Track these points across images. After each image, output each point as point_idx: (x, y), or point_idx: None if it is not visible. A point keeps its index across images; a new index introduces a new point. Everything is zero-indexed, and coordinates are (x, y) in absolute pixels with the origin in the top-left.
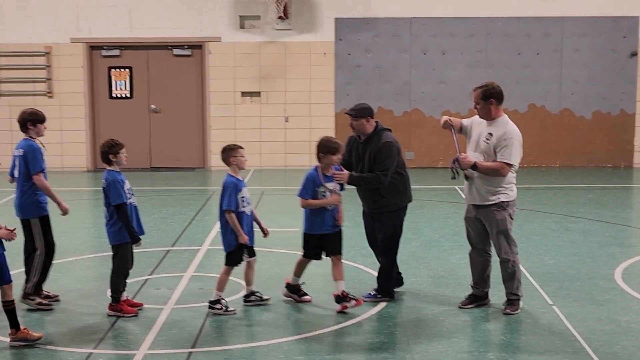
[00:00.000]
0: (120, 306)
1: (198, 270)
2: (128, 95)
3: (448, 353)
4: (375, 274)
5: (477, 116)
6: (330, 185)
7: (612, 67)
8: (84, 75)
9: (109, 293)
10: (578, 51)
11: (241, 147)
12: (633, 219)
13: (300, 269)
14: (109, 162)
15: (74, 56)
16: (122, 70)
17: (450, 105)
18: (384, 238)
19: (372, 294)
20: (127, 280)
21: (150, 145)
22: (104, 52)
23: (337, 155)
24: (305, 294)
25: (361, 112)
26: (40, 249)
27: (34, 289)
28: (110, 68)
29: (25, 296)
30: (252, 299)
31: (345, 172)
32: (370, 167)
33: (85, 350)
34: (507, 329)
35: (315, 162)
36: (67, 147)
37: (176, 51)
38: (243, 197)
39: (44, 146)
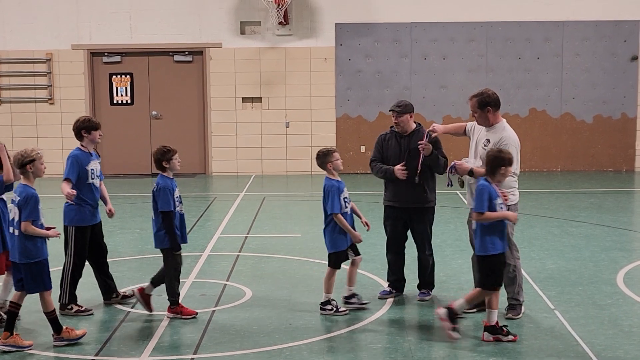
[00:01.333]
0: (180, 308)
1: (199, 276)
2: (129, 101)
3: (450, 358)
4: (376, 278)
5: (472, 124)
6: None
7: (613, 71)
8: (85, 82)
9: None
10: (579, 55)
11: (335, 151)
12: (635, 223)
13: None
14: (163, 169)
15: (75, 63)
16: (123, 76)
17: (451, 110)
18: (425, 233)
19: (425, 292)
20: (134, 286)
21: (152, 152)
22: (105, 59)
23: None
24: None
25: (405, 108)
26: (70, 257)
27: (68, 298)
28: (111, 74)
29: (63, 307)
30: (353, 301)
31: (430, 145)
32: (413, 161)
33: (85, 357)
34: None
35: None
36: (68, 154)
37: (177, 57)
38: (345, 197)
39: (98, 153)
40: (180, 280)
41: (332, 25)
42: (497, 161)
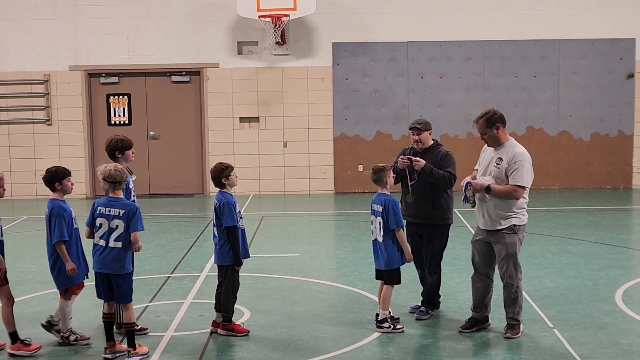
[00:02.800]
0: (232, 325)
1: (197, 297)
2: (127, 121)
3: None
4: (377, 299)
5: (484, 147)
6: None
7: (610, 88)
8: (83, 103)
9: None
10: (575, 73)
11: (391, 167)
12: (633, 240)
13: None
14: (222, 185)
15: (72, 84)
16: (121, 97)
17: (449, 129)
18: (433, 252)
19: (424, 311)
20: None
21: (149, 172)
22: (103, 79)
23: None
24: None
25: (425, 126)
26: None
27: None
28: (108, 95)
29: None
30: (384, 325)
31: (422, 160)
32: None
33: None
34: (508, 354)
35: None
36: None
37: (174, 77)
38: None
39: (132, 173)
40: (180, 301)
41: (329, 45)
42: None
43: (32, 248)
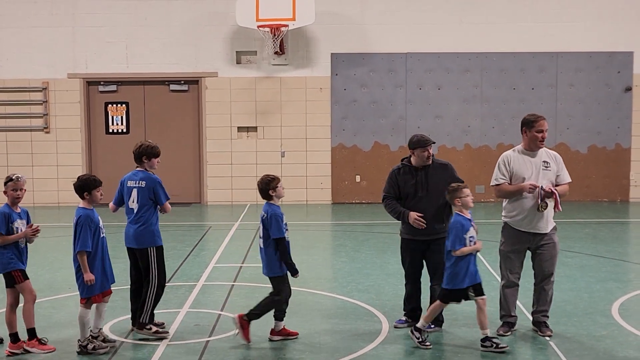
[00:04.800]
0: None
1: (194, 306)
2: (125, 130)
3: None
4: (373, 309)
5: (509, 158)
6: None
7: (607, 101)
8: (81, 111)
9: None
10: (573, 86)
11: (466, 187)
12: (630, 253)
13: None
14: (269, 197)
15: (70, 92)
16: (119, 105)
17: (446, 140)
18: (441, 264)
19: (431, 326)
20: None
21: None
22: (101, 88)
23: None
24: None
25: (431, 140)
26: (154, 280)
27: (148, 318)
28: (107, 103)
29: (141, 326)
30: (486, 344)
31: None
32: (438, 191)
33: None
34: None
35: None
36: (63, 183)
37: (173, 86)
38: (471, 237)
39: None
40: (176, 310)
41: (328, 55)
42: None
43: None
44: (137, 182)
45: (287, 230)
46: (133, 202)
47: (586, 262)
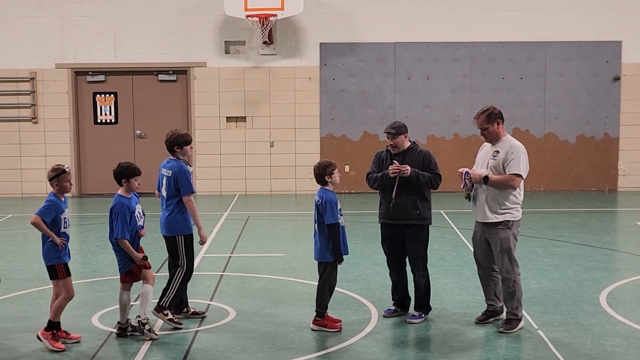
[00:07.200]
0: (325, 321)
1: None
2: (113, 120)
3: None
4: (362, 299)
5: (481, 147)
6: None
7: (596, 91)
8: (69, 101)
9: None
10: (562, 76)
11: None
12: (617, 242)
13: None
14: (324, 183)
15: (58, 82)
16: (107, 95)
17: (435, 130)
18: (419, 253)
19: (416, 315)
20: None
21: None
22: (89, 78)
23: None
24: None
25: (399, 130)
26: (183, 266)
27: (168, 303)
28: (95, 93)
29: (160, 309)
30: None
31: (407, 165)
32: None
33: None
34: (492, 355)
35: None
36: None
37: (161, 76)
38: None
39: (190, 166)
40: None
41: (317, 45)
42: None
43: (17, 246)
44: (168, 170)
45: (341, 215)
46: (164, 190)
47: (574, 251)
